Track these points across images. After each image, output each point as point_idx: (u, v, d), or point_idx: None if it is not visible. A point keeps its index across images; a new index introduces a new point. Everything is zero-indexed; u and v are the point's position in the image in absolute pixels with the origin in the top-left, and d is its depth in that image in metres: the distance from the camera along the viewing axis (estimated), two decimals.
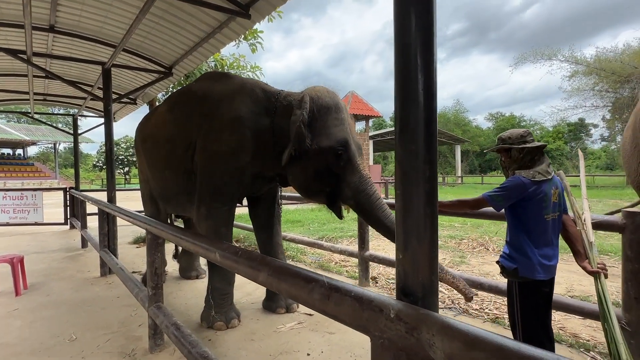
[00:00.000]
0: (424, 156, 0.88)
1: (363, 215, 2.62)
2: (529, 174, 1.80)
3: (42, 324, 3.15)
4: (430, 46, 0.88)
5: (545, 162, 1.87)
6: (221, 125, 2.86)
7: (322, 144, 2.56)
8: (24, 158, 34.22)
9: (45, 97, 7.43)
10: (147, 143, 3.61)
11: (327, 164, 2.58)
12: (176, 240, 1.98)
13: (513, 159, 1.93)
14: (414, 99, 0.88)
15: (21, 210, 8.20)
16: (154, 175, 3.56)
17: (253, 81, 3.09)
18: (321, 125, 2.61)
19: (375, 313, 0.84)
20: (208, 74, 3.50)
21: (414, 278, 0.88)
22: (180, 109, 3.25)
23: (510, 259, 1.83)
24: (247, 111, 2.82)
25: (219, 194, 2.91)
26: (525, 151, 1.88)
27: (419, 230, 0.88)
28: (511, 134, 1.94)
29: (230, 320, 2.97)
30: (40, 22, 4.08)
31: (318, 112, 2.64)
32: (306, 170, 2.65)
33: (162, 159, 3.35)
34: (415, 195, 0.88)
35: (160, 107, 3.68)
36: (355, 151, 2.64)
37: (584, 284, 4.08)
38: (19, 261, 4.02)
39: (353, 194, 2.56)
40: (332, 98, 2.72)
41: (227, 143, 2.82)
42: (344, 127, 2.64)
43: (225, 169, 2.85)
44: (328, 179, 2.61)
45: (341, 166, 2.57)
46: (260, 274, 1.25)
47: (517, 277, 1.81)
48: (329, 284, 1.00)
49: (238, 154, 2.81)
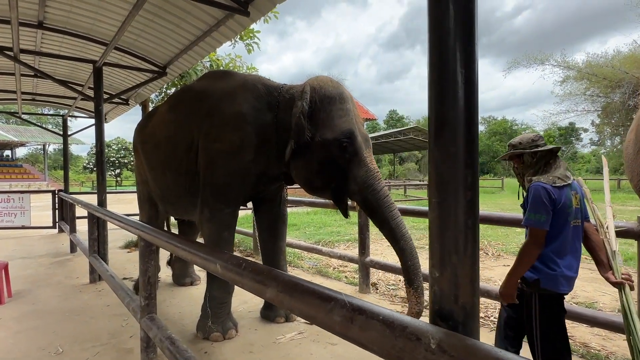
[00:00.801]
0: (465, 160, 0.76)
1: (369, 213, 2.49)
2: (549, 180, 1.69)
3: (27, 335, 2.97)
4: (471, 31, 0.77)
5: (563, 167, 1.77)
6: (222, 122, 2.74)
7: (326, 136, 2.43)
8: (12, 159, 33.55)
9: (34, 97, 7.22)
10: (147, 144, 3.48)
11: (332, 157, 2.45)
12: (172, 249, 1.85)
13: (526, 164, 1.84)
14: (453, 94, 0.77)
15: (7, 214, 7.93)
16: (155, 176, 3.42)
17: (255, 77, 2.97)
18: (325, 117, 2.48)
19: (411, 342, 0.72)
20: (210, 73, 3.40)
21: (454, 300, 0.77)
22: (181, 108, 3.14)
23: (532, 269, 1.71)
24: (249, 107, 2.70)
25: (222, 195, 2.78)
26: (539, 155, 1.79)
27: (459, 245, 0.76)
28: (522, 139, 1.86)
29: (228, 330, 2.82)
30: (29, 18, 3.92)
31: (321, 102, 2.51)
32: (310, 165, 2.52)
33: (163, 160, 3.23)
34: (455, 205, 0.77)
35: (160, 107, 3.57)
36: (362, 143, 2.49)
37: (587, 290, 4.02)
38: (2, 268, 3.82)
39: (360, 189, 2.43)
40: (336, 88, 2.58)
41: (229, 141, 2.69)
42: (349, 117, 2.49)
43: (228, 169, 2.72)
44: (333, 173, 2.47)
45: (347, 159, 2.44)
46: (267, 289, 1.13)
47: (538, 289, 1.70)
48: (351, 303, 0.88)
49: (241, 152, 2.68)
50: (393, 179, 33.05)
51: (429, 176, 0.82)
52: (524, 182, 1.86)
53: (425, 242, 6.58)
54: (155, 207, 3.74)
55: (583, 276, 4.45)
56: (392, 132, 27.58)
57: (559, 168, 1.75)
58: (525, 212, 1.75)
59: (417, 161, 44.96)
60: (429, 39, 0.82)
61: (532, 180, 1.74)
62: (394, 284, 4.24)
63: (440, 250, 0.79)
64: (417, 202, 15.00)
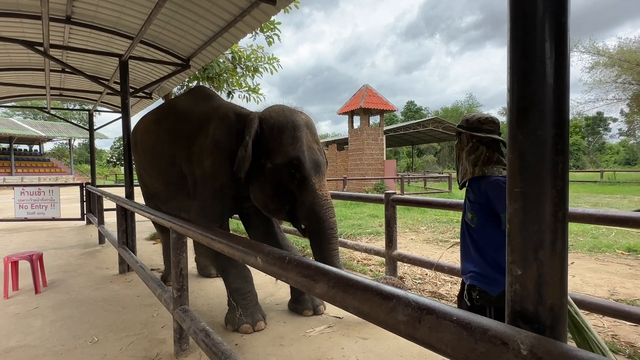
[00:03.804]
0: (555, 145, 0.68)
1: (311, 241, 2.70)
2: (500, 170, 1.49)
3: (63, 324, 3.05)
4: None
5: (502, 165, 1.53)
6: (200, 150, 2.99)
7: (276, 162, 2.64)
8: (41, 154, 34.82)
9: (62, 92, 7.39)
10: (137, 147, 3.91)
11: (282, 183, 2.65)
12: (207, 241, 1.82)
13: (462, 145, 1.61)
14: (540, 71, 0.68)
15: (39, 206, 8.21)
16: (148, 176, 3.82)
17: (227, 105, 3.21)
18: (276, 144, 2.68)
19: (495, 347, 0.65)
20: (194, 90, 3.71)
21: (540, 301, 0.69)
22: (164, 123, 3.46)
23: (492, 282, 1.49)
24: (221, 135, 2.90)
25: (206, 212, 2.99)
26: (475, 141, 1.55)
27: (546, 240, 0.69)
28: (473, 115, 1.61)
29: (257, 322, 2.82)
30: (57, 13, 3.96)
31: (270, 131, 2.72)
32: (265, 189, 2.72)
33: (151, 166, 3.63)
34: (544, 195, 0.69)
35: (148, 115, 3.94)
36: (311, 169, 2.64)
37: (627, 287, 3.82)
38: (38, 258, 3.94)
39: (306, 215, 2.62)
40: (288, 117, 2.75)
41: (207, 166, 2.93)
42: (297, 145, 2.65)
43: (208, 190, 2.96)
44: (285, 197, 2.68)
45: (295, 184, 2.63)
46: (317, 284, 1.07)
47: (497, 303, 1.47)
48: (416, 302, 0.82)
49: (217, 176, 2.90)
50: (412, 171, 32.57)
51: (509, 162, 0.74)
52: (459, 165, 1.64)
53: (448, 235, 6.43)
54: (154, 202, 4.00)
55: (621, 272, 4.25)
56: (411, 123, 27.10)
57: (500, 164, 1.52)
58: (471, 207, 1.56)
59: (435, 153, 44.17)
60: (509, 6, 0.73)
61: (475, 173, 1.54)
62: (421, 277, 4.16)
63: (523, 246, 0.71)
64: (437, 194, 14.74)
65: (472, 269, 1.56)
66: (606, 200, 11.25)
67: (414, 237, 6.40)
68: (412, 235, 6.58)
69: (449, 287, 3.84)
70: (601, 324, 2.95)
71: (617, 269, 4.40)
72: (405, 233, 6.77)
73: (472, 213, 1.56)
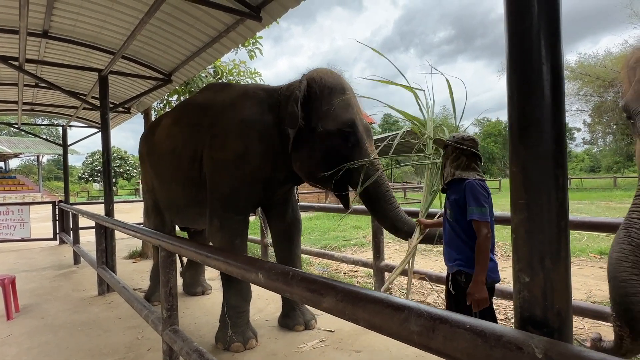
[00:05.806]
0: (555, 159, 0.74)
1: (369, 205, 2.52)
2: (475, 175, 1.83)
3: (40, 351, 2.88)
4: (556, 23, 0.75)
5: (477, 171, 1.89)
6: (225, 131, 2.76)
7: (328, 127, 2.46)
8: (6, 171, 33.12)
9: (33, 107, 7.11)
10: (152, 155, 3.52)
11: (335, 148, 2.48)
12: (202, 259, 1.79)
13: (447, 154, 1.94)
14: (539, 91, 0.74)
15: (7, 226, 7.78)
16: (161, 186, 3.44)
17: (256, 85, 3.11)
18: (326, 107, 2.49)
19: (511, 352, 0.68)
20: (210, 86, 3.47)
21: (548, 306, 0.73)
22: (184, 121, 3.19)
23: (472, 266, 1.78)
24: (250, 113, 2.72)
25: (230, 203, 2.78)
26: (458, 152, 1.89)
27: (552, 248, 0.73)
28: (459, 133, 2.00)
29: (248, 340, 2.76)
30: (34, 28, 3.86)
31: (321, 93, 2.52)
32: (313, 156, 2.53)
33: (169, 171, 3.26)
34: (547, 206, 0.74)
35: (165, 120, 3.60)
36: (364, 133, 2.53)
37: (603, 289, 4.00)
38: (10, 282, 3.72)
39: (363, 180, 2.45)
40: (336, 79, 2.61)
41: (233, 149, 2.71)
42: (350, 108, 2.52)
43: (234, 176, 2.72)
44: (336, 164, 2.44)
45: (349, 149, 2.47)
46: (324, 299, 1.08)
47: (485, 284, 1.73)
48: (428, 312, 0.84)
49: (246, 158, 2.69)
50: (391, 182, 33.08)
51: (512, 175, 0.79)
52: (444, 171, 1.97)
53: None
54: (161, 216, 3.73)
55: (596, 275, 4.45)
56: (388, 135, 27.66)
57: (475, 171, 1.87)
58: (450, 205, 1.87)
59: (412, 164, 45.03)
60: (507, 34, 0.79)
61: (455, 175, 1.85)
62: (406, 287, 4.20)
63: (529, 254, 0.76)
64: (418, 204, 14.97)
65: (457, 256, 1.84)
66: (576, 206, 11.79)
67: (397, 248, 6.48)
68: (395, 245, 6.66)
69: (435, 297, 3.90)
70: (582, 326, 3.07)
71: (591, 272, 4.61)
72: (390, 243, 6.84)
73: (451, 210, 1.88)
